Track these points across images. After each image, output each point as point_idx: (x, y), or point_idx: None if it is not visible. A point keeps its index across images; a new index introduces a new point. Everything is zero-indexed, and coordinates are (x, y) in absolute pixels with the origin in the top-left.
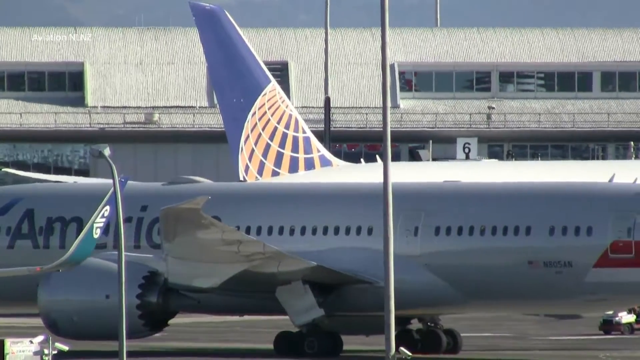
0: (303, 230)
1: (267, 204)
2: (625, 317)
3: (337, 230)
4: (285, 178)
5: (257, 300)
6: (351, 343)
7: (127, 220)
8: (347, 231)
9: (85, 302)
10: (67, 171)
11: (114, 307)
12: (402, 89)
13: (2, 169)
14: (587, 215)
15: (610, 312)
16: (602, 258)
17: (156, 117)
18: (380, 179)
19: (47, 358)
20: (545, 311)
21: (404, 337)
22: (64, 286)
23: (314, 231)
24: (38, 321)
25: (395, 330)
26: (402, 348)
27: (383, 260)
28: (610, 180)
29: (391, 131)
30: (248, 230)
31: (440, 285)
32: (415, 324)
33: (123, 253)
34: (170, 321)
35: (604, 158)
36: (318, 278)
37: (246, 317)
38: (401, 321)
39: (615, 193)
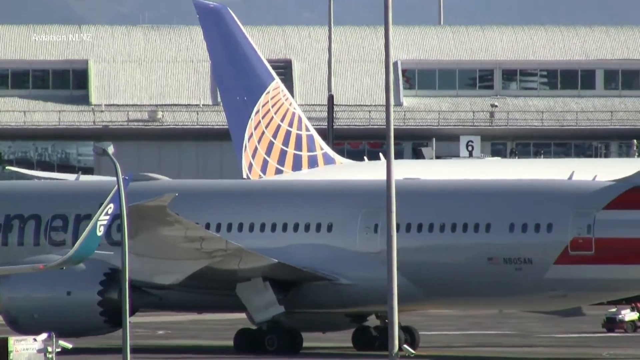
0: (263, 227)
1: (227, 201)
2: (629, 315)
3: (296, 227)
4: (288, 176)
5: (217, 297)
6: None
7: (87, 217)
8: (307, 228)
9: (46, 299)
10: (71, 169)
11: (75, 304)
12: (405, 87)
13: (6, 167)
14: (547, 213)
15: (614, 310)
16: (562, 255)
17: (160, 115)
18: (378, 176)
19: (50, 356)
20: (505, 308)
21: (361, 334)
22: (25, 283)
23: (274, 228)
24: None
25: (352, 327)
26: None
27: (343, 257)
28: (570, 178)
29: (394, 129)
30: (208, 227)
31: (401, 282)
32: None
33: (127, 253)
34: (172, 319)
35: (607, 156)
36: (278, 275)
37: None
38: (358, 318)
39: (575, 190)
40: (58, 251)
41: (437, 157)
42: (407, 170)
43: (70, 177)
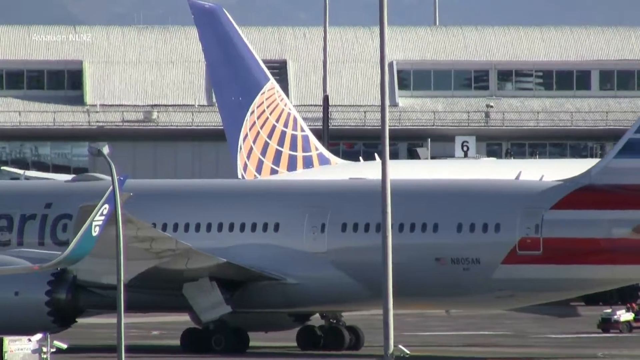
0: (209, 227)
1: (173, 201)
2: (624, 316)
3: (242, 227)
4: (283, 176)
5: (164, 297)
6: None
7: (32, 217)
8: (253, 228)
9: None
10: (66, 169)
11: (22, 304)
12: (400, 87)
13: (1, 168)
14: (495, 212)
15: (609, 311)
16: (510, 255)
17: (155, 115)
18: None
19: (45, 356)
20: (453, 308)
21: (306, 334)
22: None
23: (220, 228)
24: None
25: (294, 327)
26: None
27: (289, 257)
28: (517, 178)
29: (390, 129)
30: (153, 227)
31: (347, 282)
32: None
33: (121, 253)
34: (166, 319)
35: (602, 156)
36: (225, 275)
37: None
38: (301, 318)
39: (523, 190)
40: (3, 251)
41: (433, 158)
42: (403, 170)
43: (67, 177)
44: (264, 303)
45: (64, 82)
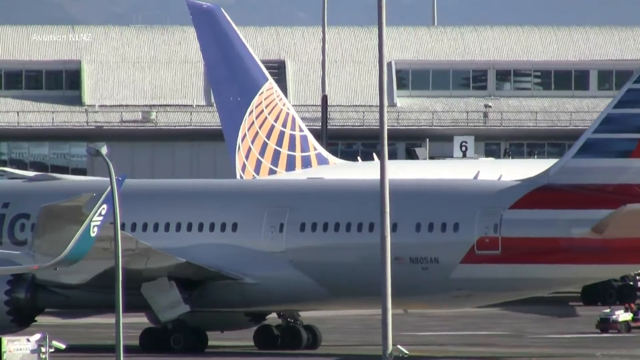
0: (167, 227)
1: (132, 201)
2: (623, 316)
3: (201, 227)
4: (282, 176)
5: (124, 297)
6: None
7: None
8: (212, 228)
9: None
10: (64, 170)
11: None
12: (398, 87)
13: (0, 168)
14: (454, 212)
15: (608, 311)
16: (469, 254)
17: (153, 115)
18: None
19: (44, 356)
20: (411, 307)
21: (263, 333)
22: None
23: (178, 227)
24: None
25: (251, 326)
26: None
27: (248, 257)
28: (475, 177)
29: (388, 129)
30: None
31: (305, 281)
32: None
33: (120, 253)
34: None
35: None
36: (184, 274)
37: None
38: (257, 317)
39: (481, 190)
40: None
41: (431, 158)
42: (401, 170)
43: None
44: (222, 302)
45: (62, 82)
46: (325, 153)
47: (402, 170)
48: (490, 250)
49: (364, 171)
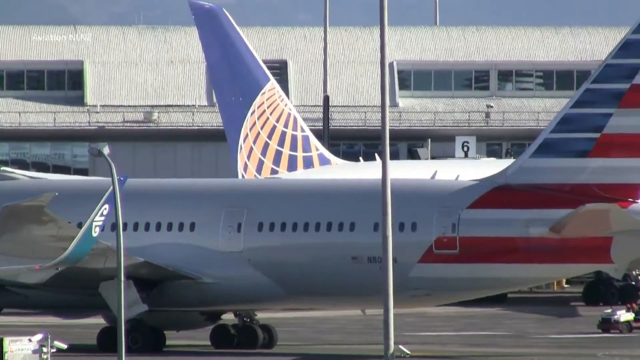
0: (125, 226)
1: (90, 201)
2: (624, 316)
3: (159, 227)
4: (284, 176)
5: (81, 296)
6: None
7: None
8: (169, 227)
9: None
10: (66, 170)
11: None
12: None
13: (1, 168)
14: (412, 212)
15: (609, 311)
16: (427, 254)
17: (155, 115)
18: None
19: (45, 356)
20: (369, 307)
21: (220, 332)
22: None
23: (136, 227)
24: (37, 320)
25: (206, 325)
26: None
27: (205, 256)
28: (433, 177)
29: (390, 130)
30: (76, 227)
31: (263, 281)
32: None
33: (122, 253)
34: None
35: None
36: (142, 274)
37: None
38: (213, 317)
39: (439, 189)
40: None
41: (433, 158)
42: (404, 170)
43: (65, 177)
44: (180, 302)
45: (64, 82)
46: (327, 153)
47: (403, 171)
48: (448, 249)
49: (365, 171)
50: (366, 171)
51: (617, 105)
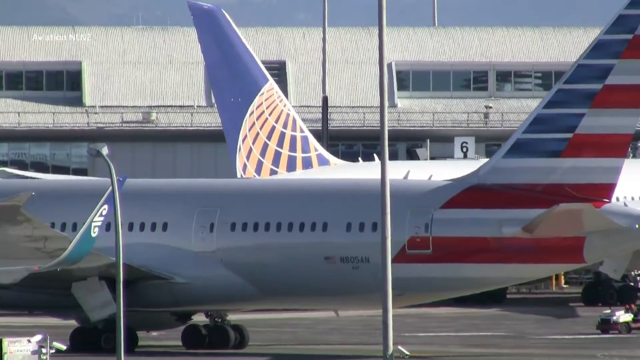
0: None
1: (64, 201)
2: (623, 317)
3: (131, 227)
4: (283, 177)
5: (53, 297)
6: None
7: None
8: (142, 227)
9: None
10: (65, 170)
11: None
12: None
13: (1, 168)
14: None
15: (608, 312)
16: (400, 254)
17: (154, 116)
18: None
19: (44, 357)
20: (343, 307)
21: (191, 333)
22: None
23: (108, 227)
24: (36, 320)
25: (177, 325)
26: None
27: (178, 256)
28: (405, 177)
29: (389, 130)
30: (50, 227)
31: (236, 281)
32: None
33: (121, 252)
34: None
35: None
36: (114, 274)
37: (248, 316)
38: (183, 317)
39: (412, 189)
40: None
41: (432, 159)
42: (403, 171)
43: (65, 177)
44: (153, 302)
45: (63, 83)
46: (326, 154)
47: (403, 171)
48: (421, 249)
49: (364, 172)
50: (365, 171)
51: (589, 106)
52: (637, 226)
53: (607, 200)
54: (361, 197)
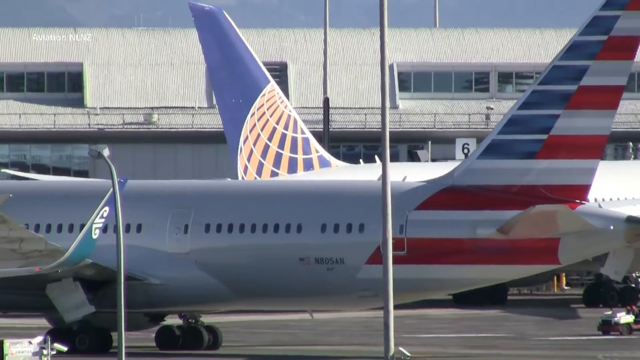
0: (71, 228)
1: (37, 202)
2: (624, 318)
3: (105, 228)
4: (284, 178)
5: (28, 298)
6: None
7: None
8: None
9: None
10: (66, 172)
11: None
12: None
13: (1, 170)
14: (359, 213)
15: (609, 313)
16: (374, 255)
17: (155, 117)
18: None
19: (45, 359)
20: (318, 307)
21: (165, 334)
22: None
23: (82, 229)
24: (37, 322)
25: (150, 326)
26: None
27: (152, 258)
28: (379, 179)
29: (390, 132)
30: (26, 228)
31: (210, 282)
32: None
33: (122, 253)
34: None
35: (602, 158)
36: (89, 275)
37: (249, 317)
38: (156, 318)
39: None
40: None
41: (433, 160)
42: (404, 173)
43: (66, 179)
44: (127, 303)
45: (64, 84)
46: (327, 155)
47: (403, 172)
48: (395, 251)
49: (365, 173)
50: (366, 173)
51: (564, 107)
52: (611, 227)
53: (582, 202)
54: (336, 199)
